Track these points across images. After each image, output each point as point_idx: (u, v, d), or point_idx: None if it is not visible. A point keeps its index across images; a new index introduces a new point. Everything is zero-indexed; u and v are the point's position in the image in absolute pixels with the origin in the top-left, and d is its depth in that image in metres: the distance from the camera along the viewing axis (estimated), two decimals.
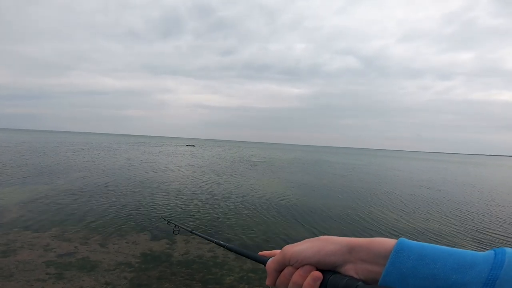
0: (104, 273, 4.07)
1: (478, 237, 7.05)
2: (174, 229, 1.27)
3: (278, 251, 0.50)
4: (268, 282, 0.49)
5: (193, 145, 64.51)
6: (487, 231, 7.58)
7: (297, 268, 0.44)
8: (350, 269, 0.42)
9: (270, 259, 0.49)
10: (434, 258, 0.39)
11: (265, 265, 0.50)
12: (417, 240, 0.41)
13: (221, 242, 0.80)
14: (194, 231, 1.10)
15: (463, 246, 6.41)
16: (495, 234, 7.40)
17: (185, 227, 1.24)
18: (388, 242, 0.42)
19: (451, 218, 8.83)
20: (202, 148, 53.03)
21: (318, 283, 0.42)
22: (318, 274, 0.42)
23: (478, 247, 6.39)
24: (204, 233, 1.05)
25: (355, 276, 0.42)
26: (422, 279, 0.39)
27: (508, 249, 0.38)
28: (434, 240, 6.70)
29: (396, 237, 0.46)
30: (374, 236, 0.42)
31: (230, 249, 0.72)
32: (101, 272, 4.09)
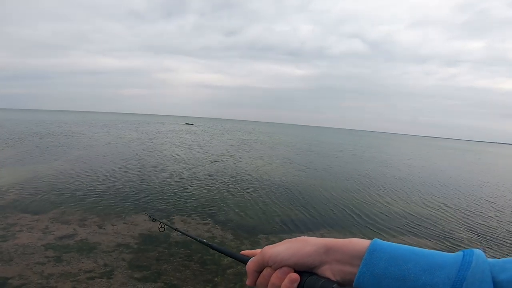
0: (103, 255, 4.14)
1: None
2: (160, 227, 1.28)
3: (259, 250, 0.50)
4: (248, 282, 0.49)
5: (192, 124, 64.21)
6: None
7: (276, 270, 0.45)
8: (326, 270, 0.43)
9: (251, 259, 0.50)
10: (406, 259, 0.39)
11: (245, 265, 0.51)
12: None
13: (204, 240, 0.83)
14: (178, 229, 1.15)
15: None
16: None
17: (170, 225, 1.30)
18: (363, 243, 0.42)
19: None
20: (199, 127, 52.84)
21: (295, 285, 0.43)
22: (295, 276, 0.43)
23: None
24: (188, 231, 1.09)
25: (332, 277, 0.43)
26: (394, 280, 0.39)
27: (476, 250, 0.39)
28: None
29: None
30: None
31: (212, 248, 0.74)
32: (100, 254, 4.16)
